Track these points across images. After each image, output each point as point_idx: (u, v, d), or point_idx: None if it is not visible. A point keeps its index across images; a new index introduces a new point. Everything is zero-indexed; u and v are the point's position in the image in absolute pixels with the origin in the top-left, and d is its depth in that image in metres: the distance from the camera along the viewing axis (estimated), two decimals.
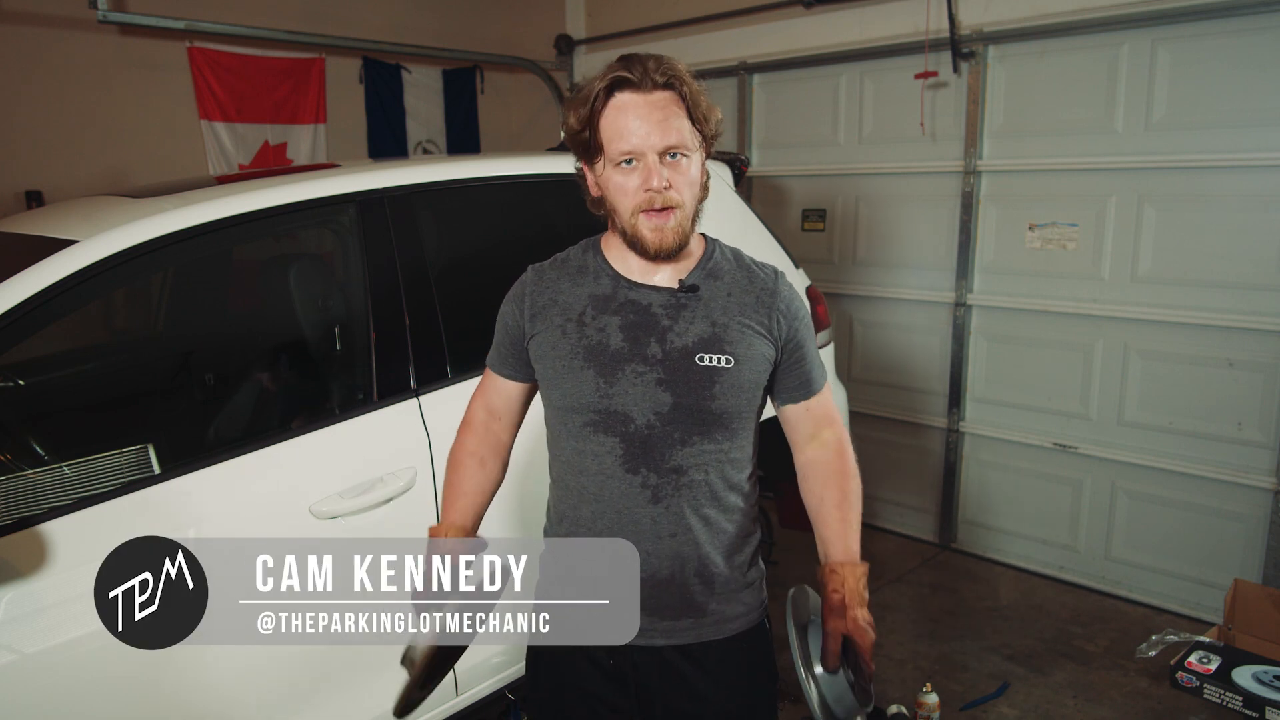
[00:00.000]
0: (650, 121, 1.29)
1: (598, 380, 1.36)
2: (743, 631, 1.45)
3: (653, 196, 1.30)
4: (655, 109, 1.29)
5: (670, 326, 1.37)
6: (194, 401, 2.14)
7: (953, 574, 3.91)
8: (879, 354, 4.34)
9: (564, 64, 5.48)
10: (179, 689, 1.73)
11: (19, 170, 3.82)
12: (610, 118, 1.31)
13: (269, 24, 4.34)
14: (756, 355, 1.38)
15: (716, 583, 1.41)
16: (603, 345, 1.37)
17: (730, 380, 1.36)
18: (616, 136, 1.30)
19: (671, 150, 1.31)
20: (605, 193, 1.37)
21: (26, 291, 1.64)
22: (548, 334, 1.41)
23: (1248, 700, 2.67)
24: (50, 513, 1.62)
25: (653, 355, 1.35)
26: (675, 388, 1.34)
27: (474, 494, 1.51)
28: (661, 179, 1.30)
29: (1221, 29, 3.15)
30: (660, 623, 1.40)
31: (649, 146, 1.29)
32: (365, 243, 2.11)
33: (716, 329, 1.37)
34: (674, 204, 1.32)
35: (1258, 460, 3.26)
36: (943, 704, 2.84)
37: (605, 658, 1.43)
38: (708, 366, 1.35)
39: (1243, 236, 3.19)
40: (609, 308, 1.39)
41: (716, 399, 1.35)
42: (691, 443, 1.36)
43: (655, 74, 1.29)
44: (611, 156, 1.32)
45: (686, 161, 1.33)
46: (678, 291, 1.39)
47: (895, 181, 4.12)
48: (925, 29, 3.77)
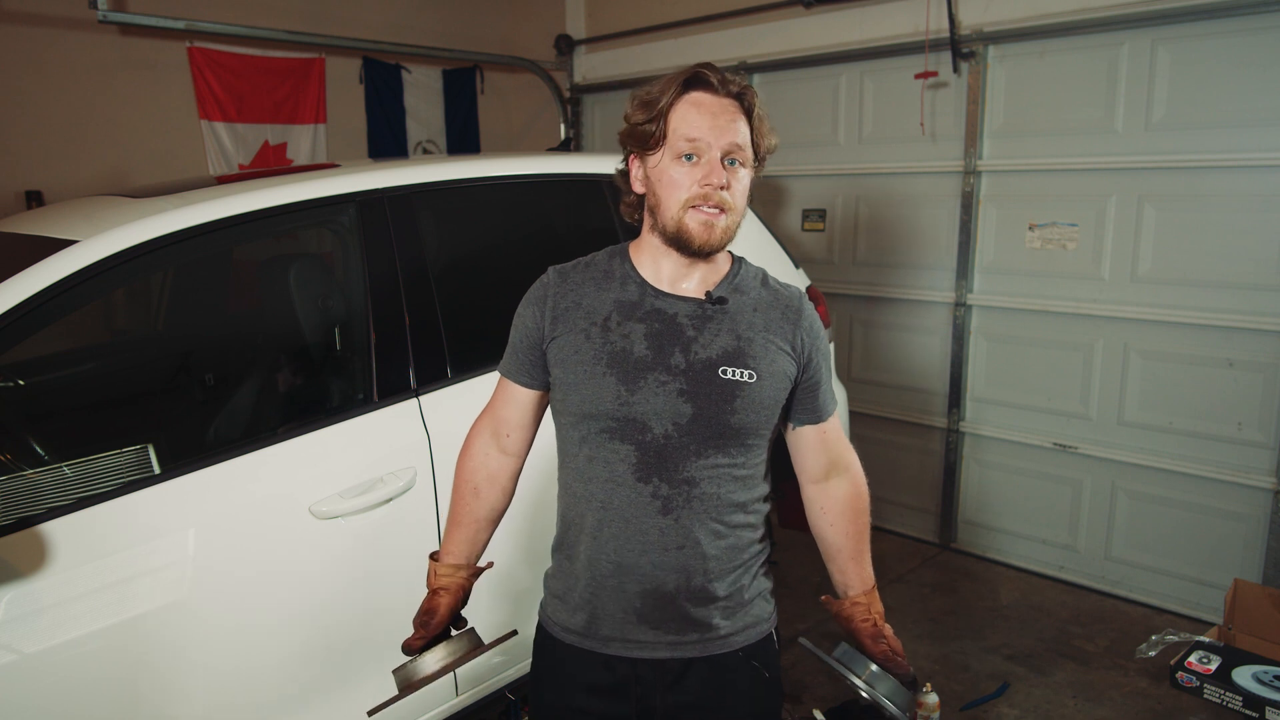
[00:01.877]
0: (720, 120, 1.33)
1: (619, 387, 1.34)
2: (751, 645, 1.44)
3: (710, 192, 1.32)
4: (726, 111, 1.34)
5: (695, 337, 1.36)
6: (194, 401, 2.14)
7: (953, 574, 3.91)
8: (879, 354, 4.34)
9: (564, 64, 5.48)
10: (178, 689, 1.73)
11: (19, 170, 3.82)
12: (681, 111, 1.34)
13: (269, 24, 4.34)
14: (778, 372, 1.39)
15: (722, 599, 1.40)
16: (626, 352, 1.35)
17: (751, 395, 1.36)
18: (685, 127, 1.32)
19: (732, 154, 1.33)
20: (655, 186, 1.37)
21: (26, 291, 1.64)
22: (569, 337, 1.39)
23: (1248, 700, 2.67)
24: (50, 513, 1.62)
25: (676, 365, 1.34)
26: (697, 399, 1.34)
27: (469, 525, 1.52)
28: (721, 177, 1.32)
29: (1221, 29, 3.15)
30: (665, 636, 1.39)
31: (715, 141, 1.32)
32: (365, 243, 2.11)
33: (741, 343, 1.37)
34: (726, 205, 1.33)
35: (1258, 460, 3.26)
36: (943, 704, 2.84)
37: (604, 675, 1.42)
38: (730, 380, 1.34)
39: (1243, 236, 3.19)
40: (635, 315, 1.38)
41: (737, 413, 1.35)
42: (707, 455, 1.36)
43: (731, 84, 1.36)
44: (677, 147, 1.33)
45: (743, 172, 1.36)
46: (705, 303, 1.39)
47: (895, 181, 4.12)
48: (925, 29, 3.78)
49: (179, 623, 1.71)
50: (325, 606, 1.93)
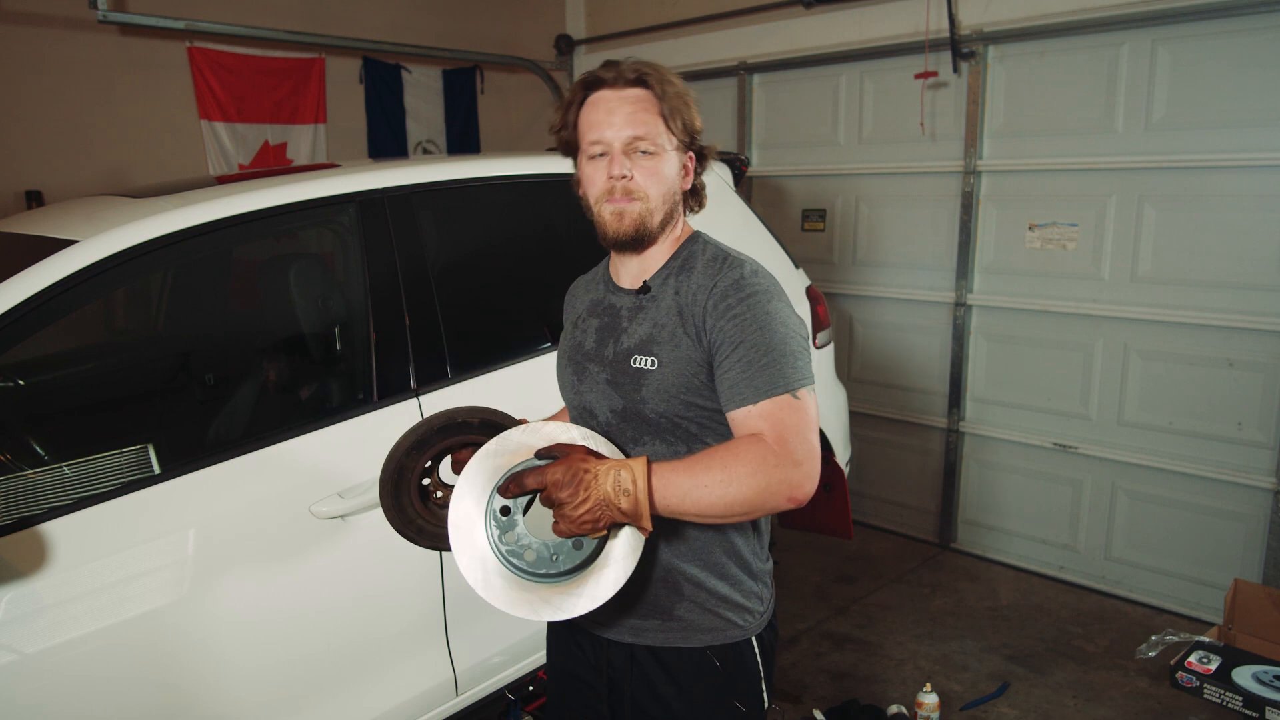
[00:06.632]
0: (618, 114, 1.34)
1: (573, 378, 1.47)
2: (719, 646, 1.41)
3: (613, 184, 1.34)
4: (624, 103, 1.35)
5: (625, 328, 1.41)
6: (194, 401, 2.14)
7: (953, 574, 3.91)
8: (879, 354, 4.34)
9: (564, 64, 5.48)
10: (178, 689, 1.73)
11: (19, 170, 3.82)
12: (585, 113, 1.38)
13: (269, 24, 4.34)
14: (681, 357, 1.33)
15: (685, 589, 1.39)
16: (580, 346, 1.47)
17: (655, 383, 1.34)
18: (588, 129, 1.37)
19: (638, 144, 1.34)
20: (583, 186, 1.42)
21: (26, 291, 1.64)
22: (562, 338, 1.56)
23: (1248, 700, 2.67)
24: (50, 513, 1.62)
25: (606, 356, 1.41)
26: (619, 388, 1.38)
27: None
28: (623, 167, 1.34)
29: (1221, 29, 3.15)
30: (628, 620, 1.42)
31: (614, 136, 1.34)
32: (365, 243, 2.11)
33: (655, 329, 1.37)
34: (636, 194, 1.34)
35: (1258, 460, 3.26)
36: (943, 704, 2.84)
37: (589, 649, 1.49)
38: (637, 369, 1.36)
39: (1243, 236, 3.19)
40: (595, 311, 1.48)
41: (647, 401, 1.35)
42: (644, 443, 1.37)
43: (628, 72, 1.36)
44: (585, 149, 1.38)
45: (655, 159, 1.35)
46: (637, 293, 1.42)
47: (895, 181, 4.12)
48: (925, 29, 3.78)
49: (179, 623, 1.71)
50: (325, 607, 1.93)
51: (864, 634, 3.40)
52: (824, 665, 3.19)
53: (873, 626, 3.45)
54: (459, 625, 2.13)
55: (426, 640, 2.09)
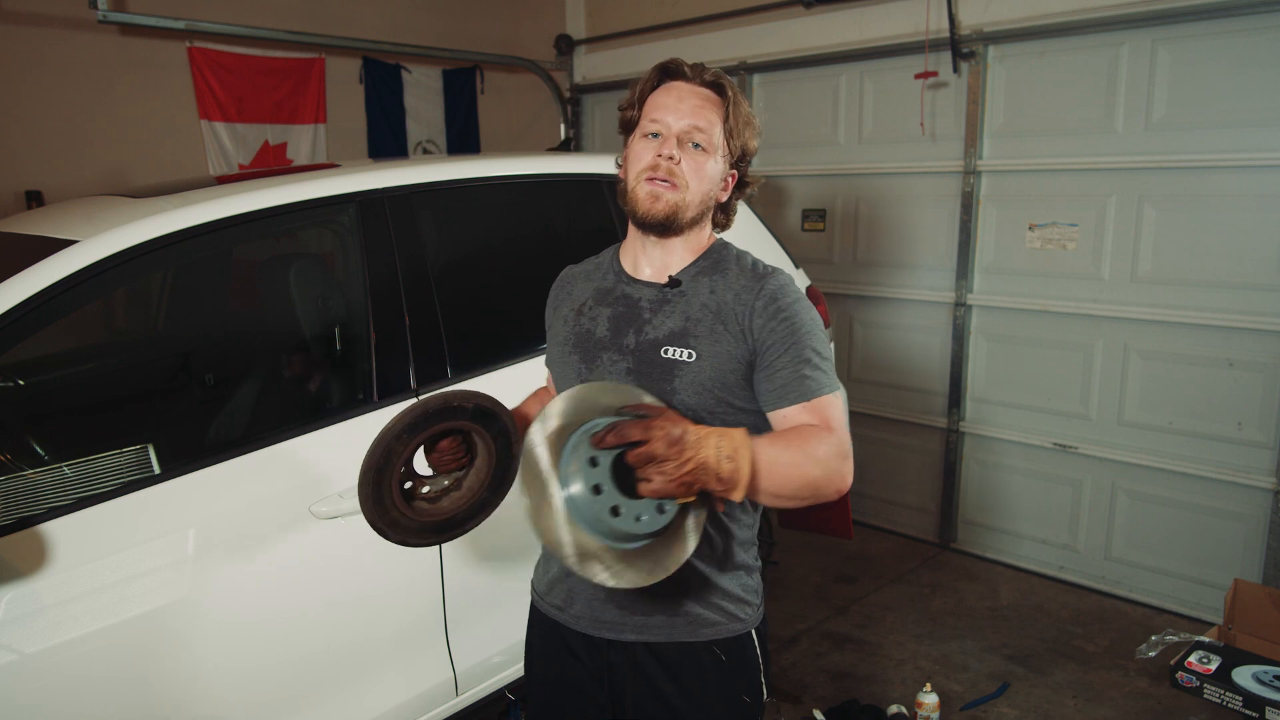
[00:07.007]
0: (686, 102, 1.37)
1: (580, 365, 1.43)
2: (722, 640, 1.42)
3: (659, 162, 1.35)
4: (695, 96, 1.38)
5: (649, 319, 1.40)
6: (194, 401, 2.14)
7: (953, 574, 3.91)
8: (879, 354, 4.34)
9: (564, 64, 5.49)
10: (178, 689, 1.73)
11: (19, 170, 3.82)
12: (655, 95, 1.41)
13: (269, 24, 4.34)
14: (721, 352, 1.34)
15: (692, 582, 1.40)
16: (589, 334, 1.44)
17: (690, 375, 1.34)
18: (653, 108, 1.40)
19: (695, 135, 1.36)
20: (626, 165, 1.43)
21: (26, 291, 1.64)
22: (556, 325, 1.52)
23: (1248, 700, 2.67)
24: (50, 513, 1.62)
25: (627, 345, 1.39)
26: (642, 378, 1.36)
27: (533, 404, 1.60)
28: (673, 148, 1.35)
29: (1221, 29, 3.15)
30: (631, 618, 1.40)
31: (674, 120, 1.36)
32: (365, 243, 2.11)
33: (689, 324, 1.37)
34: (677, 180, 1.36)
35: (1258, 460, 3.26)
36: (943, 704, 2.84)
37: (584, 651, 1.46)
38: (670, 359, 1.35)
39: (1243, 236, 3.19)
40: (605, 300, 1.46)
41: (678, 393, 1.34)
42: None
43: (707, 74, 1.40)
44: (645, 126, 1.39)
45: (704, 156, 1.38)
46: (664, 286, 1.41)
47: (895, 181, 4.12)
48: (925, 29, 3.78)
49: (178, 623, 1.71)
50: (325, 607, 1.93)
51: (864, 634, 3.40)
52: (824, 665, 3.20)
53: (873, 626, 3.45)
54: (459, 625, 2.13)
55: (426, 640, 2.09)
